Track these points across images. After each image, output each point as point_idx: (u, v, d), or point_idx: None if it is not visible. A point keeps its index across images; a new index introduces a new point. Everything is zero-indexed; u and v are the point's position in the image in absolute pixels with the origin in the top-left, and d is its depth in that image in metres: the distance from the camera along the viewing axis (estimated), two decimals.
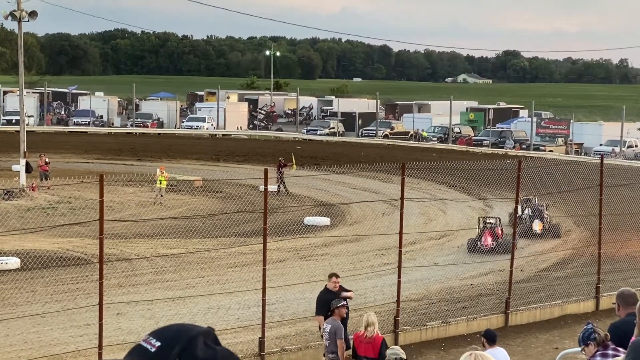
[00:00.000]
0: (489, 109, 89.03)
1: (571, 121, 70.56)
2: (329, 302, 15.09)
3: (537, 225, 31.73)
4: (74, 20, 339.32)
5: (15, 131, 49.75)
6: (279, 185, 40.51)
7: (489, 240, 28.78)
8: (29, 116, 66.63)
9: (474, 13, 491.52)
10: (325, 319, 15.08)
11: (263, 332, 17.34)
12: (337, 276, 16.34)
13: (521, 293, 22.34)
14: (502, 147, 67.34)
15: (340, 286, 16.27)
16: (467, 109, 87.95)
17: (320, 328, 15.64)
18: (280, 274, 23.82)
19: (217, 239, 29.17)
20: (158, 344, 2.52)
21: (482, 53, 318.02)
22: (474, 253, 28.39)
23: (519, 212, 27.74)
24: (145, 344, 2.52)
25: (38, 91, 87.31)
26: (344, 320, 15.08)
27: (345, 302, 14.98)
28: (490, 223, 29.75)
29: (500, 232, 29.18)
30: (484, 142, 69.73)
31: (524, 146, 67.57)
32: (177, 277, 23.98)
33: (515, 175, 21.80)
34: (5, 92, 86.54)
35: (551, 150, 64.78)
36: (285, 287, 21.50)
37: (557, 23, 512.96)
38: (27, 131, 41.71)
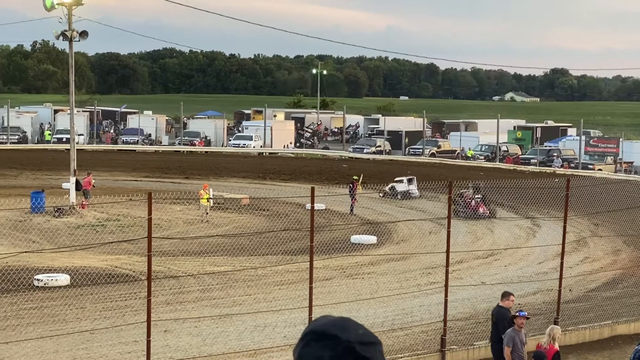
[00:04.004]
0: (537, 127, 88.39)
1: (620, 139, 69.83)
2: (504, 319, 15.73)
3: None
4: (123, 39, 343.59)
5: (66, 149, 50.43)
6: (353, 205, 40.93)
7: (485, 209, 39.30)
8: (79, 135, 67.57)
9: (521, 31, 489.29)
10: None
11: None
12: (512, 295, 16.61)
13: (570, 313, 22.11)
14: (550, 166, 66.86)
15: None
16: (514, 127, 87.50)
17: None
18: (326, 292, 23.83)
19: (264, 256, 29.27)
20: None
21: (529, 71, 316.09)
22: (474, 219, 37.54)
23: (406, 188, 46.24)
24: None
25: (88, 110, 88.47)
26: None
27: (524, 313, 15.22)
28: (479, 198, 39.68)
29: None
30: (532, 161, 69.26)
31: (572, 165, 67.01)
32: (224, 294, 24.06)
33: (564, 194, 21.61)
34: (56, 111, 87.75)
35: (600, 169, 64.11)
36: (332, 305, 21.49)
37: (606, 40, 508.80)
38: (77, 149, 42.22)
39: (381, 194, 45.83)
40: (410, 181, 46.85)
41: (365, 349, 2.31)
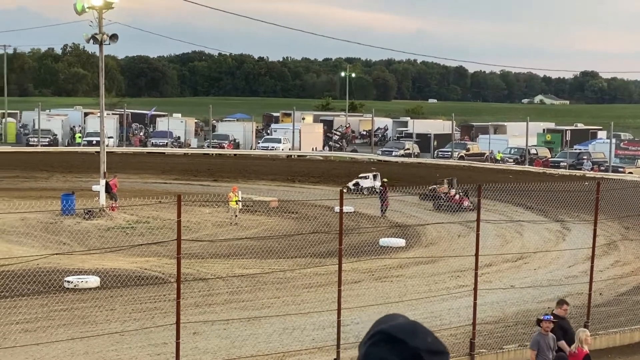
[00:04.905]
0: (567, 130, 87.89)
1: None
2: (559, 328, 15.48)
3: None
4: (153, 43, 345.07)
5: (96, 152, 50.76)
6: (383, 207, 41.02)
7: (470, 202, 40.22)
8: (109, 137, 68.00)
9: (551, 34, 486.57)
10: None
11: (338, 353, 17.33)
12: (567, 303, 16.30)
13: (600, 317, 21.96)
14: (580, 169, 66.44)
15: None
16: (544, 130, 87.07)
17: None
18: (355, 295, 23.82)
19: (293, 259, 29.29)
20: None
21: (559, 74, 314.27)
22: (459, 212, 39.37)
23: (372, 184, 48.28)
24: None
25: (118, 113, 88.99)
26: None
27: (549, 317, 15.14)
28: (461, 192, 41.94)
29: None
30: (561, 164, 68.86)
31: (602, 168, 66.54)
32: (253, 297, 24.12)
33: (594, 197, 21.48)
34: (86, 114, 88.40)
35: (631, 172, 63.63)
36: (360, 308, 21.47)
37: (636, 43, 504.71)
38: (107, 152, 42.47)
39: (345, 190, 46.47)
40: (375, 177, 49.61)
41: (433, 358, 2.30)
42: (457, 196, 42.23)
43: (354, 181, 49.24)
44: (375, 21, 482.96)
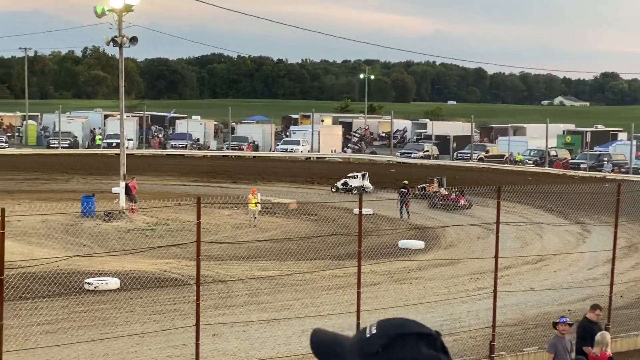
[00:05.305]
0: (587, 131, 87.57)
1: None
2: (590, 332, 15.40)
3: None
4: (172, 45, 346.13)
5: (116, 154, 50.95)
6: (404, 210, 40.96)
7: (465, 200, 42.28)
8: (128, 139, 68.26)
9: (570, 35, 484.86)
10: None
11: None
12: (600, 308, 16.23)
13: (621, 320, 21.84)
14: (600, 171, 66.13)
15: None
16: (563, 131, 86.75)
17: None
18: (374, 297, 23.79)
19: (312, 261, 29.29)
20: (374, 331, 2.35)
21: (579, 75, 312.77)
22: (453, 210, 41.54)
23: (361, 183, 49.52)
24: (368, 329, 2.36)
25: (137, 115, 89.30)
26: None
27: (565, 319, 15.10)
28: (458, 191, 43.77)
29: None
30: (582, 166, 68.57)
31: (623, 169, 66.22)
32: (272, 299, 24.14)
33: (614, 199, 21.38)
34: (106, 116, 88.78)
35: None
36: (380, 310, 21.43)
37: None
38: (126, 154, 42.61)
39: (333, 190, 49.49)
40: (364, 176, 51.36)
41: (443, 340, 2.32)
42: (453, 195, 43.54)
43: (342, 180, 50.46)
44: (393, 23, 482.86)
